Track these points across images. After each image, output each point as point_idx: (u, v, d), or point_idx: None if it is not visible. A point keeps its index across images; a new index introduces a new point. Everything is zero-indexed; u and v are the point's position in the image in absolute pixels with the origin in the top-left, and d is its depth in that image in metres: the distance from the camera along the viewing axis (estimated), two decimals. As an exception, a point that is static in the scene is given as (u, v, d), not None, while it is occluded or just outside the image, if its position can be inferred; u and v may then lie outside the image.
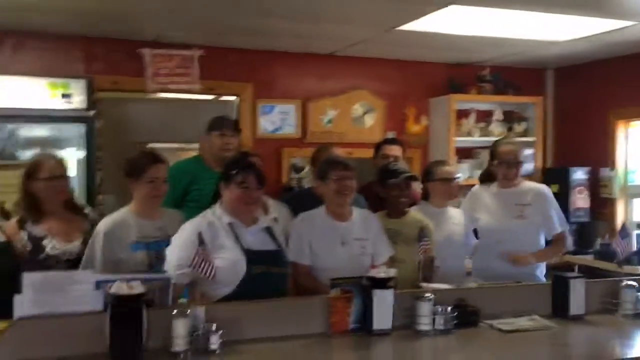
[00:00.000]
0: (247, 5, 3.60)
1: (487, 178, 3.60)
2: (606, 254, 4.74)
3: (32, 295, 2.22)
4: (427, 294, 2.62)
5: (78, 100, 3.77)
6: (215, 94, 4.82)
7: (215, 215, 2.70)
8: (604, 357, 2.45)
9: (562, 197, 5.07)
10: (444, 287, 2.87)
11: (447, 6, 3.56)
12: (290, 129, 4.98)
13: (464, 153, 5.24)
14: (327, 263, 2.92)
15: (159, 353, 2.24)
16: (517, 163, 3.49)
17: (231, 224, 2.67)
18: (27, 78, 3.84)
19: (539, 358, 2.48)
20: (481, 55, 5.10)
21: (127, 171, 2.91)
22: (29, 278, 2.24)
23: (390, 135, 5.10)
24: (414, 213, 3.30)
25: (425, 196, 3.46)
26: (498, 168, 3.49)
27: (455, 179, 3.40)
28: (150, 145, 4.60)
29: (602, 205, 5.19)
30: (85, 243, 2.88)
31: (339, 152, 3.51)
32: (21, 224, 2.85)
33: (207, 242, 2.48)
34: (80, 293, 2.28)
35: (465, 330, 2.61)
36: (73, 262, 2.83)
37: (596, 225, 5.16)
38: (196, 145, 4.66)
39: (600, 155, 5.20)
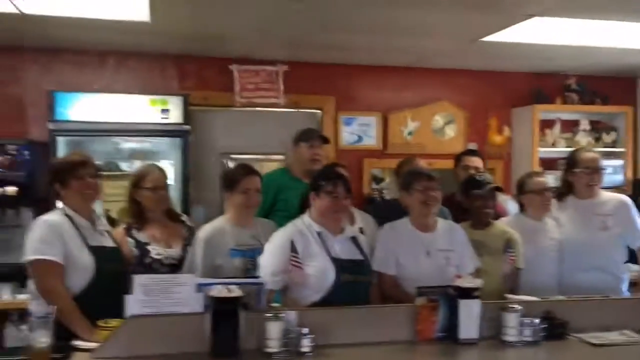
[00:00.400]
0: (330, 22, 3.73)
1: (564, 190, 3.49)
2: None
3: (141, 296, 2.42)
4: (514, 305, 2.63)
5: (175, 115, 4.03)
6: (299, 108, 4.97)
7: (305, 224, 2.83)
8: None
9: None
10: (531, 299, 2.86)
11: (529, 18, 3.55)
12: (371, 140, 5.07)
13: (548, 164, 5.14)
14: (411, 273, 2.98)
15: (253, 353, 2.38)
16: (600, 169, 3.42)
17: (320, 233, 2.79)
18: (129, 95, 4.14)
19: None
20: (566, 64, 5.01)
21: (223, 183, 3.11)
22: (138, 280, 2.44)
23: (472, 146, 5.09)
24: (499, 224, 3.31)
25: (521, 209, 3.45)
26: (579, 176, 3.41)
27: (549, 189, 3.36)
28: (236, 156, 4.81)
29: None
30: (184, 248, 3.09)
31: (423, 163, 3.56)
32: (128, 231, 3.09)
33: (298, 250, 2.61)
34: (183, 295, 2.45)
35: (553, 342, 2.61)
36: (174, 266, 3.03)
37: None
38: (280, 157, 4.85)
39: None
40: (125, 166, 4.08)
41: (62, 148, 3.88)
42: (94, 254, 2.71)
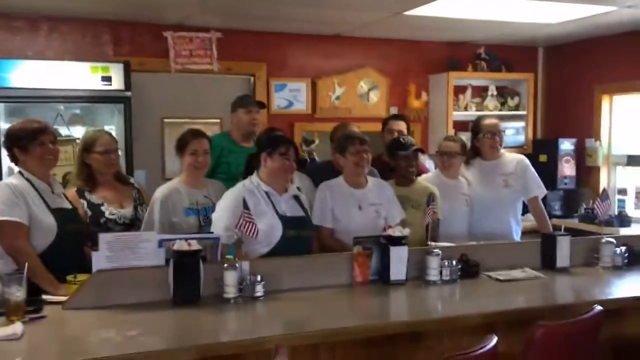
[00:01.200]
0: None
1: (472, 153, 3.94)
2: (589, 217, 5.23)
3: (107, 252, 2.64)
4: (436, 250, 3.07)
5: (117, 81, 4.14)
6: (232, 74, 5.17)
7: (254, 184, 3.11)
8: (586, 299, 2.85)
9: (551, 166, 5.56)
10: (449, 245, 3.32)
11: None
12: (301, 105, 5.36)
13: (461, 126, 5.65)
14: (346, 225, 3.34)
15: (213, 299, 2.67)
16: (500, 133, 3.88)
17: (268, 192, 3.09)
18: (70, 62, 4.20)
19: (531, 302, 2.92)
20: (477, 35, 5.49)
21: (175, 146, 3.33)
22: (104, 238, 2.66)
23: (393, 110, 5.52)
24: (421, 181, 3.74)
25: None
26: (482, 141, 3.87)
27: (456, 153, 3.80)
28: (173, 120, 4.97)
29: (587, 173, 5.66)
30: (135, 208, 3.32)
31: (355, 128, 3.91)
32: (80, 193, 3.26)
33: (250, 207, 2.90)
34: (147, 250, 2.69)
35: (467, 280, 3.07)
36: (127, 225, 3.26)
37: (581, 192, 5.64)
38: (215, 120, 5.06)
39: (586, 127, 5.63)
40: (66, 132, 4.17)
41: (2, 115, 3.92)
42: (56, 215, 2.88)
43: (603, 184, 5.54)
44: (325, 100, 5.41)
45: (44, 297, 2.66)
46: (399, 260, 3.00)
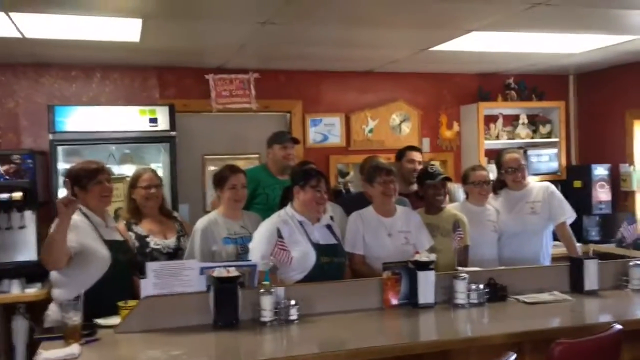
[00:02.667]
0: (297, 39, 4.21)
1: (498, 184, 4.06)
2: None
3: (154, 279, 2.87)
4: (462, 274, 3.19)
5: (162, 122, 4.47)
6: (269, 111, 5.43)
7: (289, 215, 3.31)
8: (610, 319, 2.88)
9: (585, 192, 5.59)
10: (475, 269, 3.43)
11: (468, 32, 4.13)
12: (336, 138, 5.57)
13: (493, 155, 5.71)
14: (377, 252, 3.49)
15: (250, 323, 2.85)
16: (522, 167, 3.97)
17: (301, 222, 3.27)
18: (120, 107, 4.58)
19: (555, 322, 2.99)
20: (506, 66, 5.63)
21: (214, 181, 3.59)
22: (151, 266, 2.89)
23: (426, 142, 5.70)
24: (449, 209, 3.88)
25: (466, 196, 4.03)
26: (506, 175, 3.99)
27: (487, 182, 3.94)
28: (215, 157, 5.26)
29: (622, 198, 5.66)
30: (178, 239, 3.56)
31: (383, 160, 4.10)
32: (128, 226, 3.54)
33: (284, 236, 3.10)
34: (189, 277, 2.90)
35: (495, 303, 3.16)
36: (171, 255, 3.49)
37: (618, 217, 5.62)
38: (255, 156, 5.32)
39: (619, 152, 5.65)
40: (117, 170, 4.50)
41: (61, 156, 4.29)
42: (109, 246, 3.13)
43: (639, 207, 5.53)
44: (359, 133, 5.61)
45: (98, 321, 2.88)
46: (426, 284, 3.12)
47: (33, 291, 4.07)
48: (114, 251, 3.13)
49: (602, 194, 5.60)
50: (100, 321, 2.85)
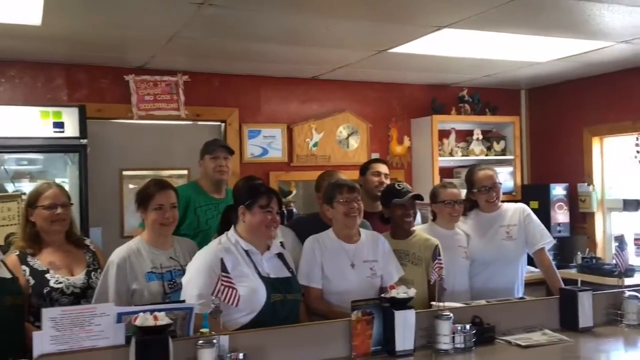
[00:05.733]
0: (236, 29, 3.60)
1: (468, 205, 3.59)
2: (589, 267, 4.89)
3: (52, 332, 2.14)
4: (447, 313, 2.63)
5: (70, 128, 3.67)
6: (201, 120, 4.78)
7: (231, 242, 2.67)
8: None
9: (543, 213, 5.20)
10: (458, 306, 2.89)
11: (439, 29, 3.65)
12: (277, 152, 4.99)
13: (446, 173, 5.34)
14: (337, 286, 2.93)
15: (185, 386, 2.20)
16: (496, 186, 3.53)
17: (248, 250, 2.66)
18: (14, 107, 3.72)
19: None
20: (459, 77, 5.24)
21: (136, 200, 2.87)
22: (47, 314, 2.16)
23: (375, 156, 5.17)
24: (420, 232, 3.33)
25: (433, 218, 3.51)
26: (478, 195, 3.54)
27: (459, 201, 3.44)
28: (136, 172, 4.52)
29: (581, 219, 5.36)
30: (88, 275, 2.83)
31: (343, 176, 3.51)
32: (22, 258, 2.75)
33: (228, 269, 2.44)
34: (102, 327, 2.21)
35: (483, 347, 2.64)
36: (77, 296, 2.76)
37: (576, 240, 5.31)
38: (182, 172, 4.61)
39: (577, 171, 5.37)
40: (10, 187, 3.65)
41: None
42: (-11, 286, 2.37)
43: (599, 230, 5.24)
44: (302, 147, 5.06)
45: None
46: (405, 327, 2.56)
47: None
48: (-4, 292, 2.35)
49: (561, 215, 5.28)
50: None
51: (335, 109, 5.18)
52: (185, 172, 4.59)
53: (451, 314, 2.63)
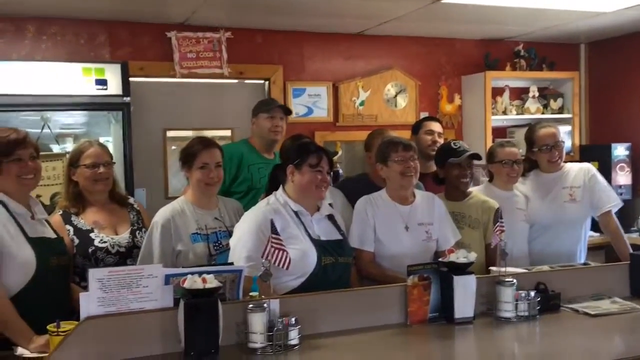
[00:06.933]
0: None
1: (527, 165, 3.37)
2: (652, 231, 4.62)
3: (99, 293, 2.06)
4: (509, 279, 2.47)
5: (113, 85, 3.57)
6: (244, 78, 4.62)
7: (280, 202, 2.55)
8: None
9: (603, 175, 4.87)
10: (520, 271, 2.71)
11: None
12: (322, 112, 4.80)
13: (499, 132, 5.07)
14: (391, 250, 2.82)
15: (235, 350, 2.12)
16: (559, 144, 3.30)
17: (297, 212, 2.54)
18: (58, 63, 3.63)
19: (635, 342, 2.33)
20: (515, 30, 4.93)
21: (181, 158, 2.77)
22: (94, 274, 2.07)
23: (424, 115, 4.94)
24: (477, 194, 3.15)
25: (490, 178, 3.31)
26: (539, 154, 3.31)
27: (518, 161, 3.23)
28: (179, 133, 4.42)
29: (644, 181, 5.06)
30: (133, 234, 2.76)
31: (393, 134, 3.33)
32: (66, 218, 2.69)
33: (279, 230, 2.32)
34: (150, 288, 2.12)
35: (548, 315, 2.48)
36: (123, 255, 2.70)
37: (639, 203, 5.02)
38: (226, 132, 4.49)
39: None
40: (56, 148, 3.60)
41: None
42: (35, 246, 2.31)
43: (663, 193, 4.93)
44: (348, 106, 4.85)
45: (19, 352, 2.11)
46: (465, 293, 2.41)
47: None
48: (41, 252, 2.32)
49: (622, 177, 4.98)
50: (22, 352, 2.10)
51: (382, 66, 4.94)
52: (228, 132, 4.46)
53: (514, 280, 2.46)
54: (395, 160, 2.82)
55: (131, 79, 3.82)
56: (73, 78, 3.53)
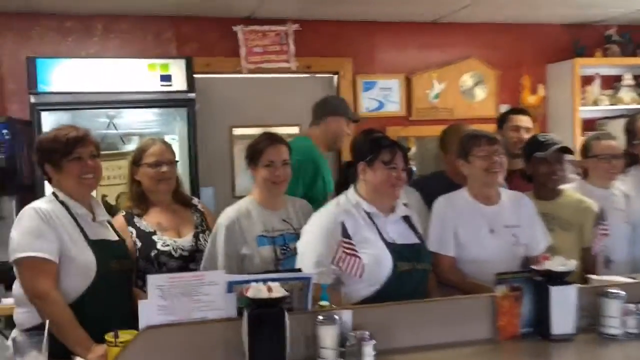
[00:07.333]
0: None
1: (630, 162, 3.05)
2: None
3: (158, 300, 1.92)
4: (616, 290, 2.15)
5: (178, 81, 3.47)
6: (312, 72, 4.45)
7: (352, 203, 2.33)
8: None
9: None
10: (625, 281, 2.39)
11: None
12: (394, 106, 4.56)
13: (588, 125, 4.66)
14: (473, 254, 2.55)
15: (302, 366, 1.92)
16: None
17: (370, 213, 2.33)
18: (123, 59, 3.58)
19: None
20: (607, 13, 4.51)
21: (247, 156, 2.61)
22: (154, 281, 1.94)
23: (504, 109, 4.61)
24: (570, 192, 2.83)
25: (584, 175, 2.99)
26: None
27: (618, 155, 2.88)
28: (245, 131, 4.30)
29: None
30: (197, 237, 2.63)
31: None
32: (129, 219, 2.58)
33: (350, 233, 2.11)
34: (212, 297, 1.96)
35: (661, 334, 2.15)
36: (186, 259, 2.57)
37: None
38: (294, 128, 4.32)
39: None
40: (122, 144, 3.54)
41: (47, 125, 3.30)
42: (96, 249, 2.20)
43: None
44: (422, 99, 4.60)
45: None
46: (563, 306, 2.13)
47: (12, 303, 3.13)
48: (102, 256, 2.21)
49: None
50: (79, 362, 1.99)
51: (458, 55, 4.65)
52: (296, 129, 4.29)
53: (622, 292, 2.15)
54: (477, 156, 2.56)
55: (196, 75, 3.72)
56: (139, 75, 3.47)
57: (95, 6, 3.83)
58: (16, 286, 2.19)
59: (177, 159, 2.74)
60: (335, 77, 4.51)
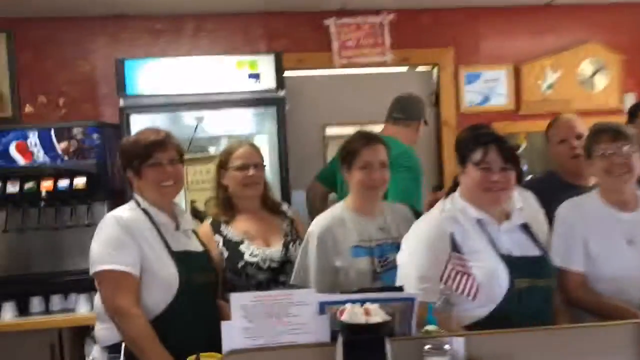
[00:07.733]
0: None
1: None
2: None
3: (243, 322, 1.72)
4: None
5: (267, 79, 3.30)
6: (410, 65, 4.20)
7: (458, 209, 2.03)
8: None
9: None
10: None
11: None
12: (501, 99, 4.21)
13: None
14: (608, 269, 2.19)
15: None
16: None
17: (480, 220, 2.02)
18: (212, 57, 3.49)
19: None
20: None
21: (341, 157, 2.40)
22: (238, 301, 1.74)
23: (630, 98, 4.14)
24: None
25: None
26: None
27: None
28: (336, 129, 4.10)
29: None
30: (286, 246, 2.44)
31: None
32: (215, 227, 2.43)
33: (460, 247, 1.81)
34: (302, 318, 1.75)
35: None
36: (275, 270, 2.38)
37: None
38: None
39: None
40: (210, 147, 3.43)
41: (136, 128, 3.21)
42: (179, 261, 2.06)
43: None
44: (533, 90, 4.21)
45: None
46: None
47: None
48: (185, 268, 2.06)
49: None
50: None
51: (575, 40, 4.22)
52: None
53: None
54: (598, 155, 2.20)
55: (286, 73, 3.56)
56: (227, 74, 3.34)
57: (184, 6, 3.77)
58: (97, 300, 2.09)
59: (265, 162, 2.56)
60: (435, 69, 4.22)
